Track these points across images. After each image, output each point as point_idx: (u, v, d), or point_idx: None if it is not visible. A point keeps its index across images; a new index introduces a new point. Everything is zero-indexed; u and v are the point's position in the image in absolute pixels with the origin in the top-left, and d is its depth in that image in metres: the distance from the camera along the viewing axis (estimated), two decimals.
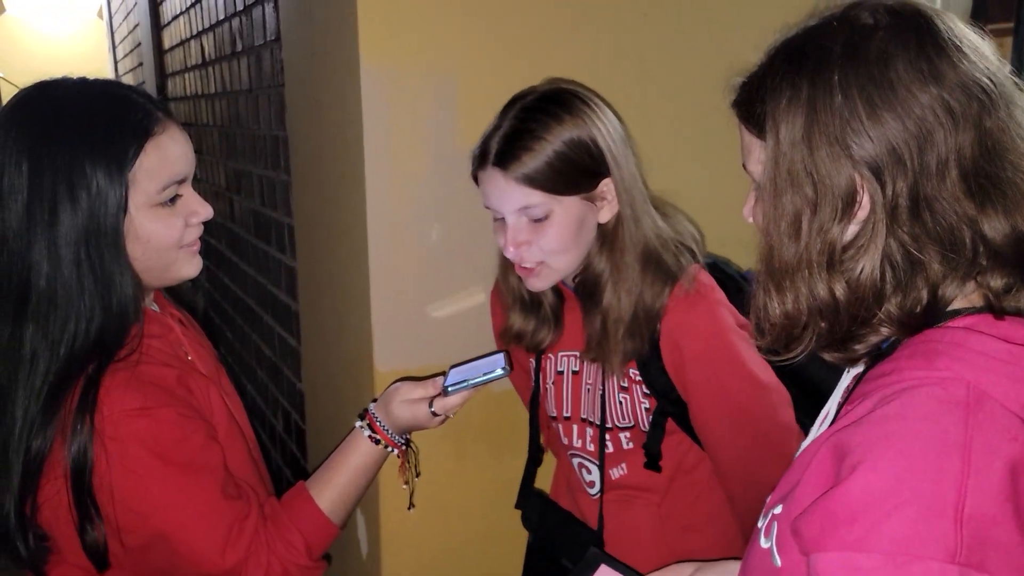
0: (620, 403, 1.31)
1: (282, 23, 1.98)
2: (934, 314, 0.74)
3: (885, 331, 0.75)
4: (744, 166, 0.84)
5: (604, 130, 1.20)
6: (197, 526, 1.05)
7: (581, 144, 1.18)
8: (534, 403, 1.45)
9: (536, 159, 1.16)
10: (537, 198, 1.17)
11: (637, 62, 1.61)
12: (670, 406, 1.26)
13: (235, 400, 1.25)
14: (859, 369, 0.83)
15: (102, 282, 1.01)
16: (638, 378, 1.27)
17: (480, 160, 1.21)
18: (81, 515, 1.00)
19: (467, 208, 1.54)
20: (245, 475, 1.15)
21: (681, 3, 1.65)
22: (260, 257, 2.48)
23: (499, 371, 1.18)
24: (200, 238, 1.14)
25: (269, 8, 2.08)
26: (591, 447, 1.36)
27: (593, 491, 1.40)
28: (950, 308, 0.74)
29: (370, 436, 1.22)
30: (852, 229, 0.74)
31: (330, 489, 1.18)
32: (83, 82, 1.08)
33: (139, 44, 4.74)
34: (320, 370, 2.00)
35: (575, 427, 1.38)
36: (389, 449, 1.22)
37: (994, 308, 0.73)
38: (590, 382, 1.34)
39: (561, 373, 1.39)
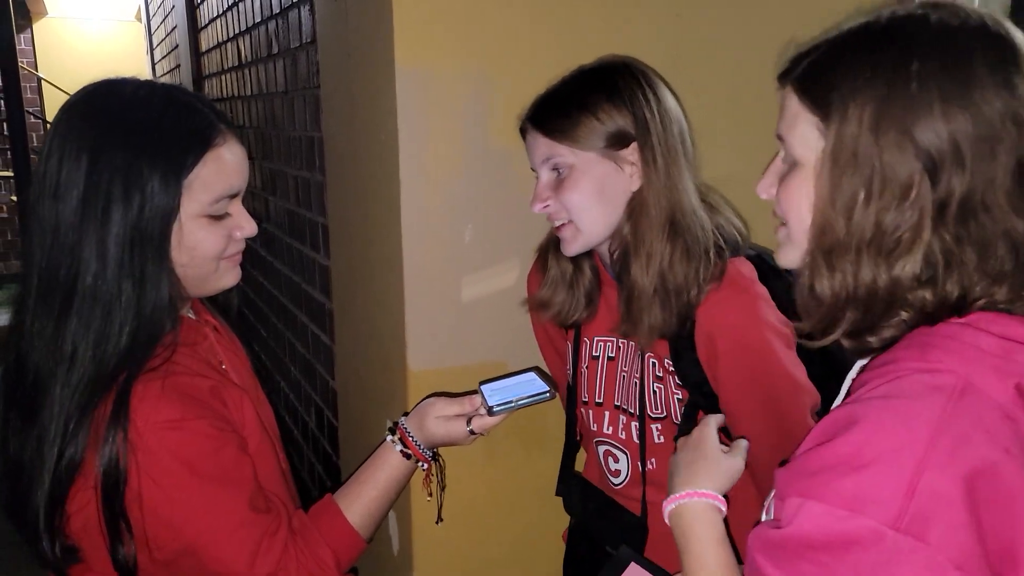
0: (655, 392, 1.31)
1: (318, 25, 2.00)
2: (959, 311, 0.75)
3: (905, 315, 0.77)
4: (779, 135, 0.84)
5: (643, 100, 1.23)
6: (227, 540, 1.05)
7: (613, 108, 1.22)
8: (571, 388, 1.46)
9: (565, 115, 1.23)
10: (561, 150, 1.23)
11: (670, 63, 1.60)
12: (703, 399, 1.26)
13: (266, 411, 1.25)
14: (865, 361, 0.85)
15: (140, 285, 1.01)
16: (672, 368, 1.27)
17: (523, 119, 1.29)
18: (111, 527, 0.99)
19: (501, 208, 1.56)
20: (275, 488, 1.15)
21: (714, 4, 1.65)
22: (295, 256, 2.51)
23: (547, 394, 1.18)
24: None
25: (305, 11, 2.10)
26: (623, 435, 1.36)
27: (617, 480, 1.40)
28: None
29: (402, 451, 1.22)
30: (902, 219, 0.75)
31: (359, 503, 1.19)
32: (149, 84, 1.08)
33: (176, 46, 4.81)
34: (353, 368, 2.02)
35: (607, 414, 1.38)
36: (420, 464, 1.23)
37: (999, 306, 0.75)
38: (626, 369, 1.34)
39: (596, 358, 1.39)
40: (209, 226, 1.06)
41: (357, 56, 1.70)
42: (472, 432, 1.19)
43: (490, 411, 1.17)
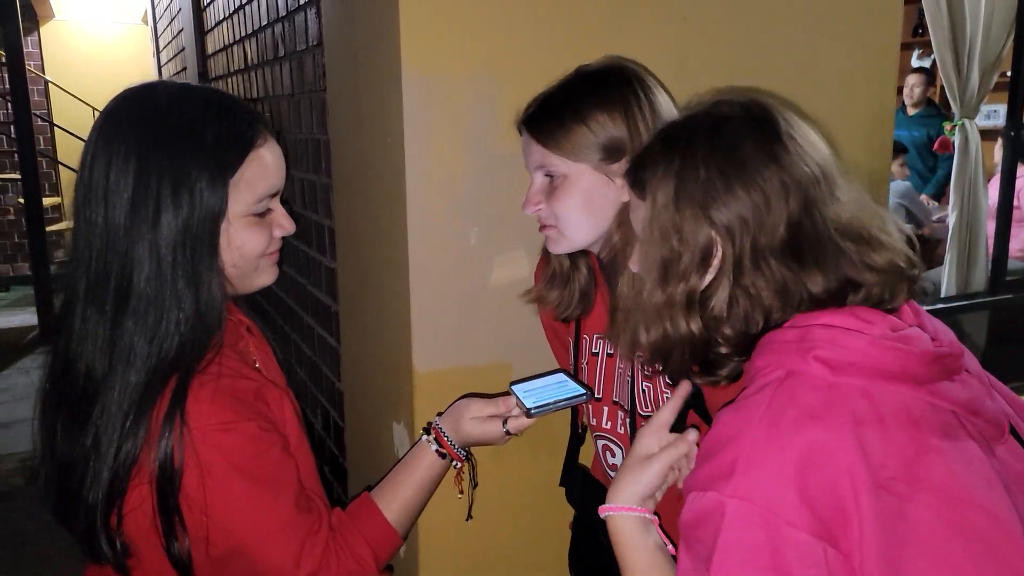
0: (644, 391, 1.32)
1: (324, 28, 2.01)
2: (765, 333, 0.92)
3: (724, 351, 0.94)
4: (631, 219, 1.03)
5: (637, 111, 1.23)
6: (275, 540, 1.07)
7: (607, 118, 1.22)
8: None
9: (558, 122, 1.24)
10: (554, 160, 1.24)
11: (676, 67, 1.61)
12: (691, 398, 1.27)
13: (298, 409, 1.26)
14: None
15: (194, 284, 1.03)
16: (660, 368, 1.28)
17: (520, 121, 1.30)
18: (165, 522, 1.01)
19: (506, 211, 1.56)
20: (313, 485, 1.17)
21: (720, 7, 1.65)
22: (301, 258, 2.52)
23: (583, 396, 1.19)
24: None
25: (311, 14, 2.11)
26: (621, 430, 1.38)
27: (615, 475, 1.41)
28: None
29: (437, 450, 1.25)
30: (708, 277, 0.92)
31: (397, 501, 1.22)
32: (185, 87, 1.11)
33: (183, 49, 4.82)
34: (359, 370, 2.03)
35: (606, 409, 1.40)
36: (454, 463, 1.26)
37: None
38: (621, 366, 1.36)
39: (596, 355, 1.41)
40: (253, 225, 1.09)
41: (363, 59, 1.71)
42: (508, 433, 1.22)
43: (528, 413, 1.18)
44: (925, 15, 3.33)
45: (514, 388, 1.24)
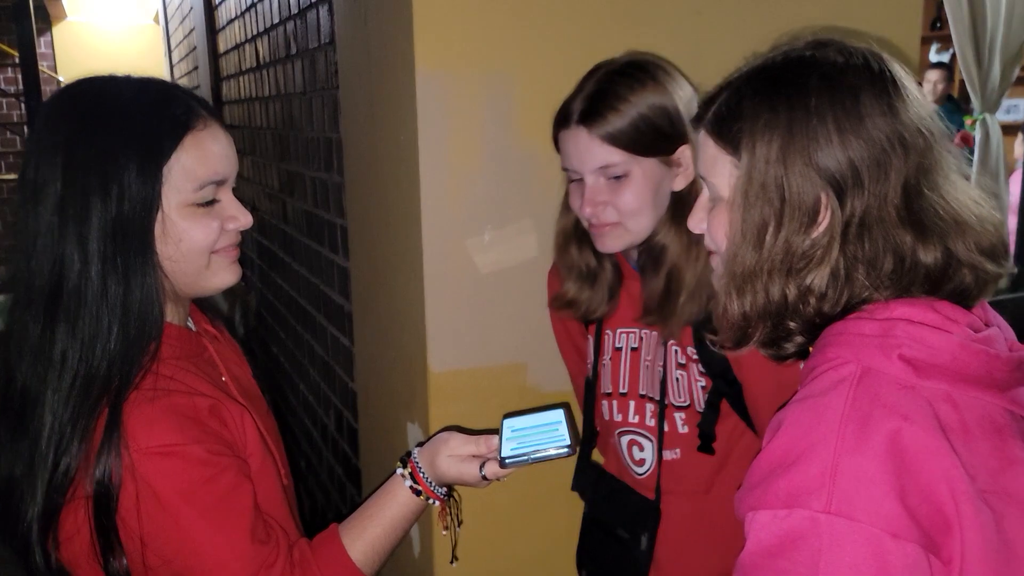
0: (677, 379, 1.31)
1: (336, 26, 2.00)
2: (845, 313, 0.83)
3: (793, 326, 0.86)
4: (701, 175, 0.92)
5: (684, 98, 1.24)
6: (223, 573, 0.99)
7: (663, 108, 1.22)
8: (589, 385, 1.45)
9: (620, 118, 1.20)
10: (618, 157, 1.22)
11: (691, 60, 1.59)
12: (726, 386, 1.26)
13: (270, 423, 1.19)
14: None
15: (125, 281, 0.96)
16: (695, 356, 1.27)
17: (564, 120, 1.25)
18: (103, 541, 0.95)
19: (521, 210, 1.54)
20: (276, 512, 1.10)
21: (735, 0, 1.63)
22: (313, 258, 2.51)
23: (566, 451, 1.06)
24: (246, 242, 1.09)
25: (324, 11, 2.10)
26: (651, 423, 1.36)
27: (641, 470, 1.39)
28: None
29: (411, 487, 1.14)
30: (809, 242, 0.83)
31: (363, 539, 1.12)
32: (126, 78, 1.05)
33: (194, 48, 4.83)
34: (373, 370, 2.01)
35: (632, 403, 1.38)
36: (430, 501, 1.15)
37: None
38: (649, 359, 1.35)
39: (619, 349, 1.39)
40: (195, 216, 1.02)
41: (376, 57, 1.70)
42: (485, 478, 1.11)
43: (501, 463, 1.07)
44: (944, 8, 3.29)
45: (505, 422, 1.14)
